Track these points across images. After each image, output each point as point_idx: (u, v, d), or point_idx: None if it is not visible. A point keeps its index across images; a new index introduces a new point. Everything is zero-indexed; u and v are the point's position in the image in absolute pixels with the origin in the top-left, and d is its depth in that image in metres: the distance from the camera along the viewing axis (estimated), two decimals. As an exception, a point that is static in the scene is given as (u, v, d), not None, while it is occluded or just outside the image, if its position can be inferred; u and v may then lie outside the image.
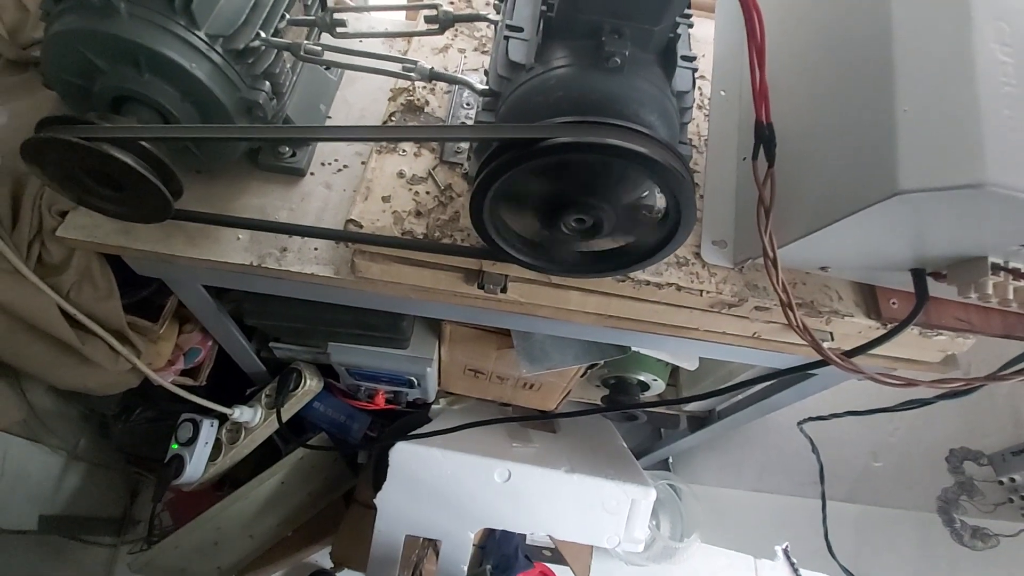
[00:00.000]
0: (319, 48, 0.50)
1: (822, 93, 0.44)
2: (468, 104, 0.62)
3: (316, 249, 0.59)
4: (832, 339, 0.56)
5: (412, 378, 0.87)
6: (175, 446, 0.89)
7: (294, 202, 0.61)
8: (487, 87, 0.46)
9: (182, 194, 0.49)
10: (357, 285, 0.58)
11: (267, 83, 0.52)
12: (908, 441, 0.83)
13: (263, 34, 0.51)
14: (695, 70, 0.44)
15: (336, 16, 0.55)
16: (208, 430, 0.90)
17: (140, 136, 0.41)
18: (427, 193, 0.56)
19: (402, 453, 0.77)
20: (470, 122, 0.61)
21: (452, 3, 0.70)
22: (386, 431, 1.11)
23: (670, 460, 1.48)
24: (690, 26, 0.44)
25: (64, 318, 0.61)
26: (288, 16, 0.55)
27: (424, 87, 0.63)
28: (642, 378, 0.92)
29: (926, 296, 0.46)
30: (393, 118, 0.61)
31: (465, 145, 0.58)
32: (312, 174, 0.63)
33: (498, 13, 0.52)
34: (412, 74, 0.48)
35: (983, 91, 0.33)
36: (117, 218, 0.51)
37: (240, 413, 0.89)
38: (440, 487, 0.79)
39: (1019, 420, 0.71)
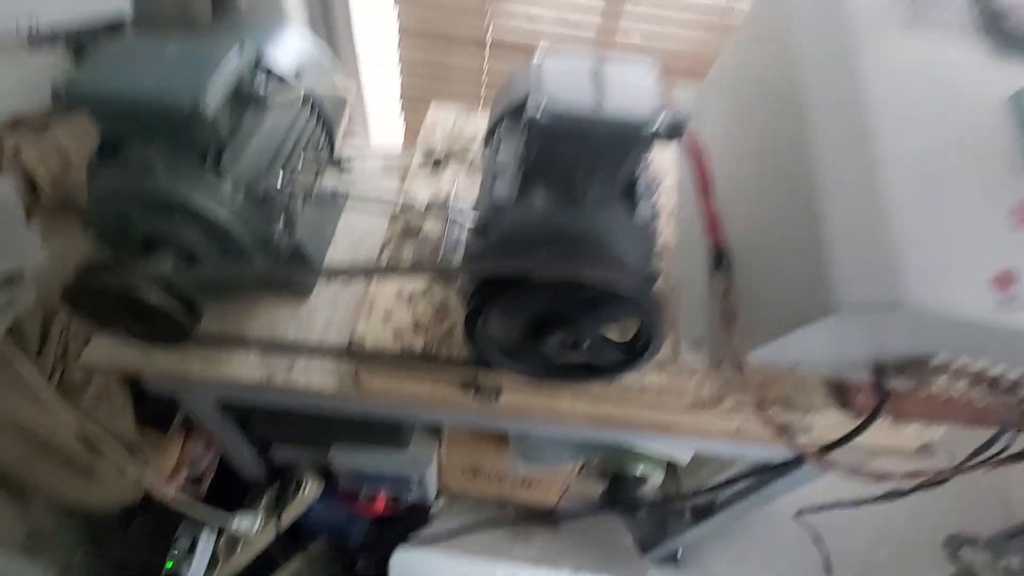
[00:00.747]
0: (329, 191, 0.57)
1: (768, 217, 0.51)
2: (459, 230, 0.68)
3: (322, 364, 0.63)
4: (811, 432, 0.59)
5: (412, 480, 0.88)
6: (170, 564, 0.87)
7: (302, 317, 0.66)
8: (477, 221, 0.52)
9: (201, 319, 0.54)
10: (360, 396, 0.62)
11: (282, 220, 0.59)
12: (907, 528, 0.83)
13: (281, 179, 0.58)
14: (655, 202, 0.50)
15: (342, 160, 0.63)
16: (206, 542, 0.89)
17: (177, 279, 0.46)
18: (425, 310, 0.61)
19: (403, 561, 0.77)
20: (462, 241, 0.67)
21: (446, 134, 0.80)
22: (386, 535, 1.09)
23: (679, 552, 1.43)
24: (650, 163, 0.52)
25: (77, 437, 0.64)
26: (303, 158, 0.63)
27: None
28: (639, 472, 0.93)
29: (887, 391, 0.50)
30: (392, 243, 0.67)
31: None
32: (318, 293, 0.69)
33: (487, 148, 0.60)
34: (410, 211, 0.55)
35: (895, 223, 0.39)
36: (140, 342, 0.55)
37: (240, 522, 0.89)
38: (442, 595, 0.78)
39: (1008, 503, 0.72)
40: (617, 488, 0.93)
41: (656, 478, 0.95)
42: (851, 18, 0.47)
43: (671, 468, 1.04)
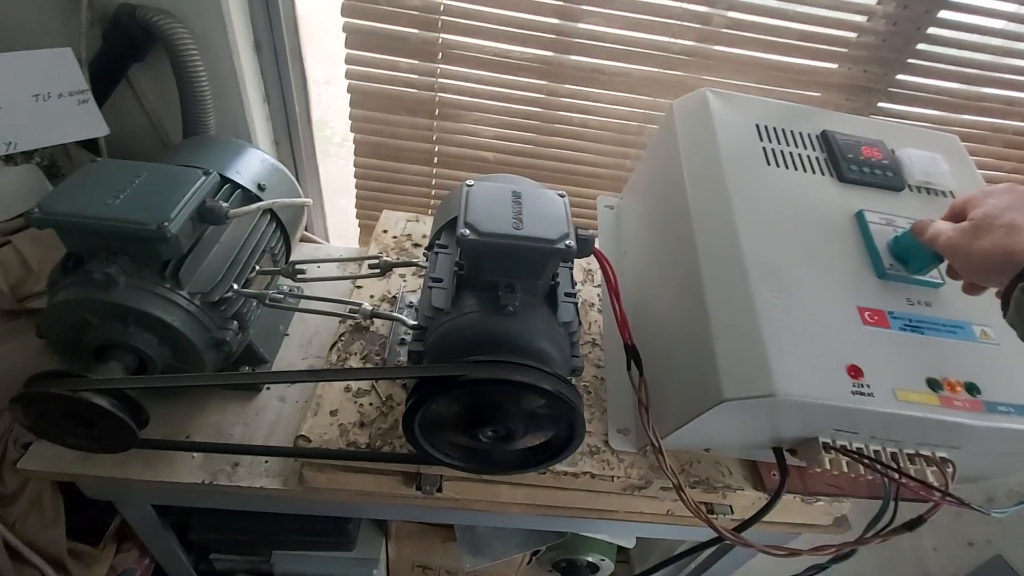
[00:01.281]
0: (281, 296, 0.62)
1: (670, 317, 0.59)
2: (406, 329, 0.74)
3: (266, 462, 0.64)
4: (732, 512, 0.64)
5: (359, 581, 0.86)
6: None
7: (249, 417, 0.68)
8: (416, 323, 0.57)
9: (148, 423, 0.55)
10: (305, 495, 0.63)
11: (235, 322, 0.63)
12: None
13: (236, 286, 0.62)
14: (576, 304, 0.57)
15: (297, 265, 0.68)
16: (131, 666, 0.83)
17: (126, 387, 0.49)
18: (370, 404, 0.64)
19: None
20: (408, 337, 0.72)
21: (395, 238, 0.87)
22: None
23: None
24: (570, 268, 0.60)
25: (2, 548, 0.62)
26: (258, 268, 0.68)
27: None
28: (590, 559, 0.94)
29: (787, 470, 0.56)
30: (343, 338, 0.72)
31: (404, 358, 0.69)
32: (268, 388, 0.71)
33: (426, 260, 0.67)
34: (357, 315, 0.60)
35: (764, 326, 0.47)
36: (83, 451, 0.56)
37: (170, 641, 0.83)
38: None
39: (926, 571, 0.76)
40: (569, 578, 0.93)
41: (607, 567, 0.96)
42: (721, 156, 0.58)
43: (624, 557, 1.05)
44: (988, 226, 0.43)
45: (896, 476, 0.51)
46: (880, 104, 0.90)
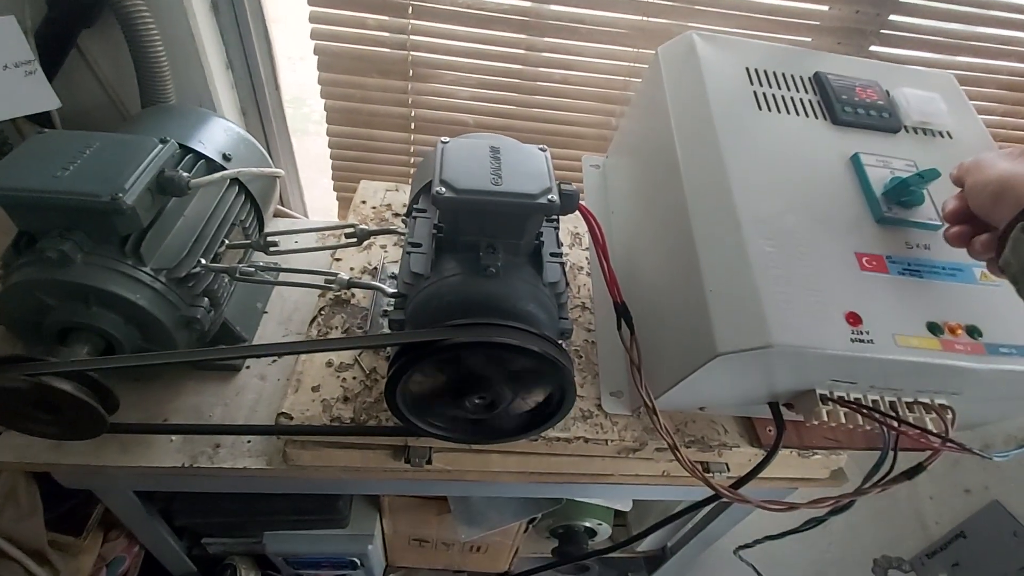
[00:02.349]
0: (253, 269, 0.59)
1: (661, 274, 0.56)
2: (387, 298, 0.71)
3: (249, 442, 0.62)
4: (728, 469, 0.63)
5: (355, 558, 0.85)
6: None
7: (229, 397, 0.65)
8: (396, 291, 0.55)
9: (118, 408, 0.53)
10: (290, 473, 0.61)
11: (206, 299, 0.60)
12: (843, 555, 0.86)
13: (204, 260, 0.59)
14: (562, 264, 0.55)
15: (269, 238, 0.65)
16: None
17: (86, 368, 0.46)
18: (354, 378, 0.62)
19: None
20: (390, 309, 0.70)
21: (374, 208, 0.83)
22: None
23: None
24: (555, 228, 0.57)
25: (-22, 545, 0.60)
26: (228, 241, 0.64)
27: (350, 283, 0.73)
28: (587, 524, 0.93)
29: (783, 425, 0.55)
30: (323, 312, 0.69)
31: (387, 330, 0.66)
32: (247, 367, 0.68)
33: (405, 227, 0.63)
34: (333, 285, 0.57)
35: (759, 276, 0.45)
36: (52, 439, 0.53)
37: (167, 626, 0.83)
38: None
39: (924, 521, 0.77)
40: (568, 543, 0.93)
41: (604, 531, 0.95)
42: (710, 101, 0.55)
43: (621, 521, 1.05)
44: (1017, 153, 0.41)
45: (895, 425, 0.50)
46: (872, 48, 0.87)
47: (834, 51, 0.87)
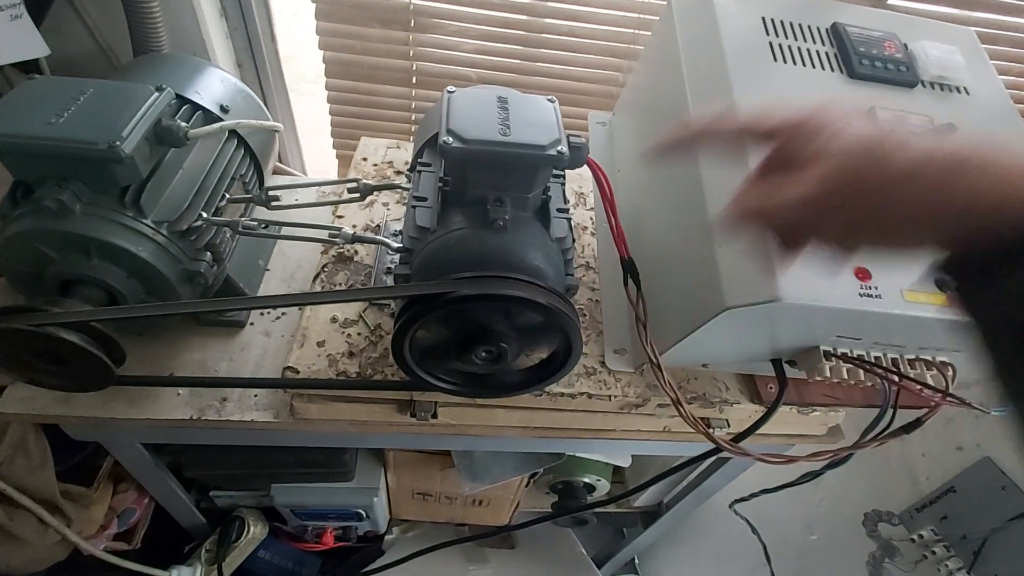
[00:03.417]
0: (255, 223, 0.58)
1: (669, 230, 0.56)
2: (391, 253, 0.70)
3: (256, 396, 0.62)
4: (728, 425, 0.64)
5: (360, 510, 0.87)
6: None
7: (234, 352, 0.65)
8: (402, 245, 0.54)
9: (125, 361, 0.53)
10: (297, 426, 0.62)
11: (208, 253, 0.59)
12: (834, 510, 0.89)
13: (205, 214, 0.58)
14: (569, 219, 0.54)
15: (271, 192, 0.64)
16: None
17: (90, 319, 0.46)
18: (359, 334, 0.62)
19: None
20: (394, 265, 0.69)
21: (376, 165, 0.82)
22: (340, 570, 1.06)
23: (636, 561, 1.46)
24: (562, 184, 0.56)
25: (-8, 494, 0.61)
26: (228, 195, 0.63)
27: (353, 239, 0.72)
28: (587, 480, 0.95)
29: (785, 381, 0.55)
30: (326, 269, 0.68)
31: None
32: (252, 324, 0.68)
33: (409, 182, 0.62)
34: (338, 239, 0.56)
35: (769, 229, 0.44)
36: (59, 390, 0.54)
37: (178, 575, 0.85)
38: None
39: (915, 478, 0.79)
40: (567, 497, 0.95)
41: (603, 487, 0.98)
42: (726, 52, 0.53)
43: (620, 478, 1.08)
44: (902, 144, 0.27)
45: (897, 380, 0.51)
46: (890, 0, 0.84)
47: (852, 1, 0.84)
